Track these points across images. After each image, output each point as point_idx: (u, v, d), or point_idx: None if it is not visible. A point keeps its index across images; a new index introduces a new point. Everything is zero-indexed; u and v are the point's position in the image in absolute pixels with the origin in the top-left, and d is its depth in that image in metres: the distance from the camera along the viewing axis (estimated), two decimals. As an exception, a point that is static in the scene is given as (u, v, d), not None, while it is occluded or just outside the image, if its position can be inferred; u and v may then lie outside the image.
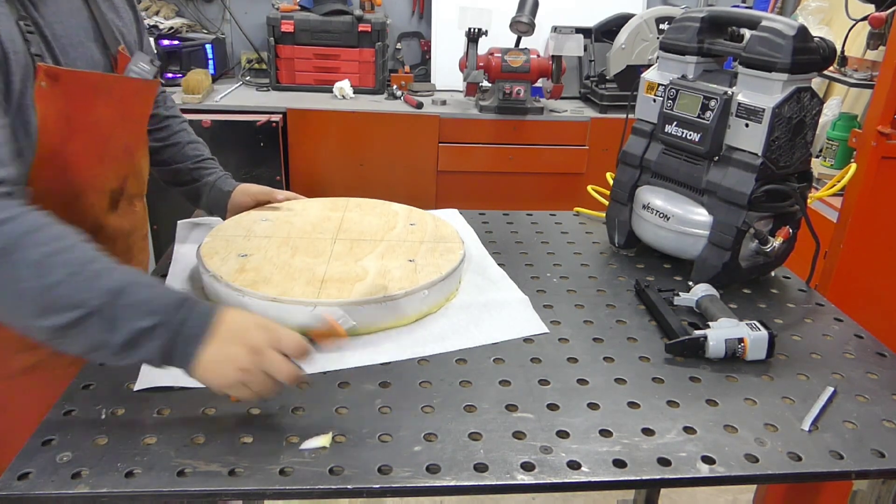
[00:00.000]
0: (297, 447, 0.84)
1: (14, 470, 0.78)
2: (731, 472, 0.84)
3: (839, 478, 0.87)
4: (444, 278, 1.16)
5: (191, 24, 3.07)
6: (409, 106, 2.80)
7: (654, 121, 1.38)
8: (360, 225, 1.36)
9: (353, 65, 2.93)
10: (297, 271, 1.14)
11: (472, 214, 1.62)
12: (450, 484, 0.80)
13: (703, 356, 1.07)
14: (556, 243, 1.51)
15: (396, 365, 1.03)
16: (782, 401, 0.98)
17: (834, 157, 2.39)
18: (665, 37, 1.38)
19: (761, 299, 1.30)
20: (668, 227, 1.34)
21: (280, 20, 2.82)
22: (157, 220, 2.72)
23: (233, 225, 1.32)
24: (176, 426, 0.87)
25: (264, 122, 2.62)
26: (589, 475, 0.83)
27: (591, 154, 2.83)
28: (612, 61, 2.84)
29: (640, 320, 1.19)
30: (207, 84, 2.81)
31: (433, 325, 1.13)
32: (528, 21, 2.67)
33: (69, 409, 0.89)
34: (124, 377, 0.96)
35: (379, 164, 2.79)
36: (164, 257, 1.34)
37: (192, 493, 0.78)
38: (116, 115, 1.11)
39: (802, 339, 1.16)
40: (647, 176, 1.42)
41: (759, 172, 1.21)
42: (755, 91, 1.22)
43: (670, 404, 0.97)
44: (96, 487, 0.77)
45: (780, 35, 1.17)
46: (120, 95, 1.12)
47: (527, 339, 1.11)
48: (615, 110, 2.84)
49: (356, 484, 0.79)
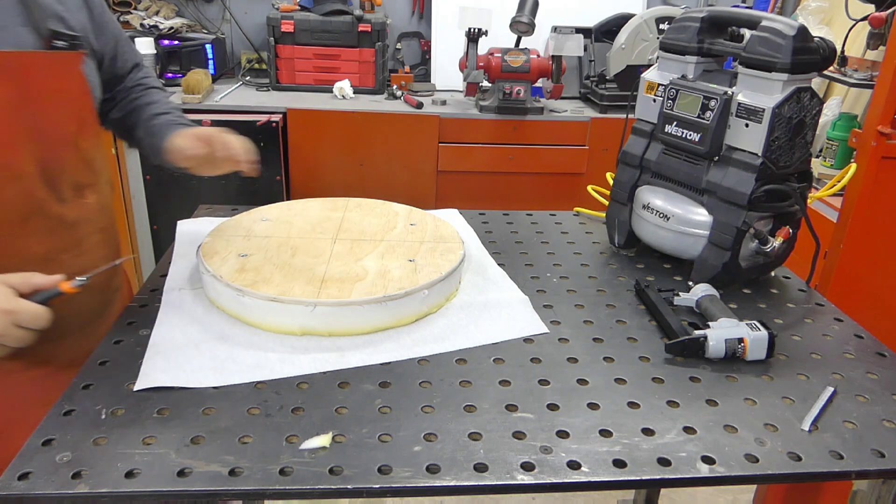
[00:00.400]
0: (297, 447, 0.84)
1: (14, 470, 0.78)
2: (731, 472, 0.84)
3: (839, 478, 0.87)
4: (444, 278, 1.16)
5: (191, 24, 3.07)
6: (409, 106, 2.80)
7: (654, 121, 1.38)
8: (360, 225, 1.36)
9: (353, 65, 2.93)
10: (297, 271, 1.14)
11: (472, 214, 1.62)
12: (450, 484, 0.80)
13: (703, 356, 1.07)
14: (556, 243, 1.51)
15: (396, 365, 1.03)
16: (782, 401, 0.98)
17: (834, 157, 2.39)
18: (665, 37, 1.38)
19: (761, 299, 1.30)
20: (668, 227, 1.34)
21: (280, 20, 2.82)
22: (157, 220, 2.73)
23: (233, 225, 1.32)
24: (176, 426, 0.87)
25: (264, 122, 2.62)
26: (589, 475, 0.83)
27: (591, 154, 2.83)
28: (612, 61, 2.84)
29: (640, 320, 1.19)
30: (207, 84, 2.81)
31: (433, 325, 1.13)
32: (528, 21, 2.67)
33: (69, 409, 0.89)
34: (124, 377, 0.96)
35: (379, 164, 2.79)
36: (164, 257, 1.34)
37: (192, 493, 0.78)
38: (13, 93, 1.04)
39: (802, 339, 1.16)
40: (647, 176, 1.42)
41: (759, 172, 1.21)
42: (755, 91, 1.22)
43: (670, 404, 0.97)
44: (96, 487, 0.77)
45: (780, 35, 1.17)
46: (16, 72, 1.04)
47: (527, 339, 1.11)
48: (615, 110, 2.85)
49: (356, 484, 0.79)
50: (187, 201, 2.59)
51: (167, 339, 1.04)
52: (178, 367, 0.98)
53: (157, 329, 1.07)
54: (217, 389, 0.94)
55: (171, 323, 1.09)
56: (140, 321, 1.11)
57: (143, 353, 1.01)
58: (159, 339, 1.04)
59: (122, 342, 1.05)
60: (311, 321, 1.06)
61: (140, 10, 2.96)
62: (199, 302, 1.15)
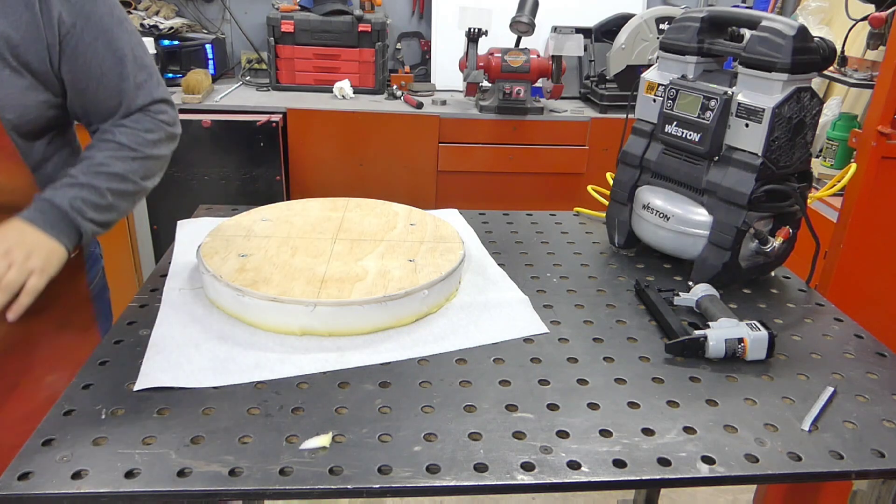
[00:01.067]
0: (297, 447, 0.84)
1: (14, 470, 0.78)
2: (731, 472, 0.84)
3: (839, 478, 0.87)
4: (444, 278, 1.16)
5: (191, 24, 3.07)
6: (409, 106, 2.80)
7: (654, 121, 1.38)
8: (360, 225, 1.36)
9: (353, 65, 2.93)
10: (297, 271, 1.14)
11: (472, 214, 1.62)
12: (450, 484, 0.80)
13: (703, 356, 1.07)
14: (556, 243, 1.51)
15: (396, 365, 1.03)
16: (782, 401, 0.98)
17: (834, 157, 2.39)
18: (665, 37, 1.38)
19: (761, 299, 1.30)
20: (668, 227, 1.34)
21: (280, 20, 2.82)
22: (158, 220, 2.73)
23: (233, 225, 1.32)
24: (176, 426, 0.87)
25: (264, 122, 2.63)
26: (589, 475, 0.83)
27: (591, 154, 2.83)
28: (612, 61, 2.84)
29: (640, 320, 1.19)
30: (207, 84, 2.81)
31: (433, 325, 1.13)
32: (528, 21, 2.67)
33: (69, 409, 0.89)
34: (124, 377, 0.96)
35: (379, 164, 2.79)
36: (164, 257, 1.34)
37: (192, 493, 0.78)
38: None
39: (802, 339, 1.16)
40: (647, 176, 1.42)
41: (759, 172, 1.21)
42: (755, 91, 1.22)
43: (670, 404, 0.97)
44: (96, 487, 0.77)
45: (780, 35, 1.17)
46: None
47: (527, 339, 1.11)
48: (615, 110, 2.85)
49: (356, 484, 0.79)
50: (187, 201, 2.60)
51: (167, 339, 1.04)
52: (178, 367, 0.98)
53: (157, 329, 1.07)
54: (217, 389, 0.94)
55: (171, 323, 1.09)
56: (140, 321, 1.11)
57: (143, 353, 1.00)
58: (159, 339, 1.04)
59: (122, 342, 1.05)
60: (311, 321, 1.06)
61: (140, 10, 2.96)
62: (199, 302, 1.15)
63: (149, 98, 1.17)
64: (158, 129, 1.18)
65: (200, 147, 2.62)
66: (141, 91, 1.16)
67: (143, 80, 1.16)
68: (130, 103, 1.16)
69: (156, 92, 1.18)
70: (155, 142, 1.17)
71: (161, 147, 1.19)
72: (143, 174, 1.17)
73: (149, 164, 1.17)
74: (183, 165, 2.64)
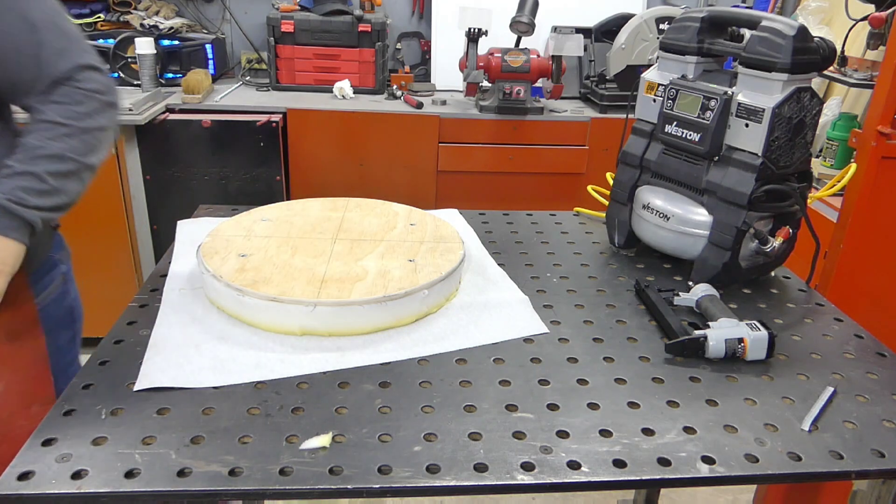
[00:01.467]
0: (297, 447, 0.84)
1: (14, 470, 0.78)
2: (731, 472, 0.84)
3: (839, 478, 0.87)
4: (444, 278, 1.16)
5: (191, 24, 3.07)
6: (409, 106, 2.80)
7: (654, 121, 1.38)
8: (360, 225, 1.36)
9: (353, 65, 2.93)
10: (297, 271, 1.14)
11: (472, 214, 1.62)
12: (450, 484, 0.80)
13: (703, 356, 1.07)
14: (556, 243, 1.51)
15: (396, 365, 1.03)
16: (782, 401, 0.98)
17: (834, 157, 2.39)
18: (665, 37, 1.38)
19: (761, 299, 1.30)
20: (668, 227, 1.34)
21: (280, 20, 2.82)
22: (157, 220, 2.73)
23: (233, 225, 1.32)
24: (176, 426, 0.87)
25: (264, 122, 2.63)
26: (589, 475, 0.83)
27: (591, 154, 2.83)
28: (612, 61, 2.84)
29: (640, 320, 1.19)
30: (207, 84, 2.81)
31: (433, 325, 1.13)
32: (528, 21, 2.67)
33: (69, 409, 0.89)
34: (124, 377, 0.96)
35: (379, 164, 2.79)
36: (164, 257, 1.34)
37: (192, 493, 0.78)
38: None
39: (802, 339, 1.16)
40: (647, 176, 1.42)
41: (759, 172, 1.21)
42: (755, 91, 1.22)
43: (670, 404, 0.97)
44: (96, 487, 0.77)
45: (780, 35, 1.17)
46: None
47: (527, 339, 1.11)
48: (615, 110, 2.85)
49: (356, 484, 0.79)
50: (187, 201, 2.60)
51: (167, 339, 1.04)
52: (178, 367, 0.98)
53: (157, 329, 1.07)
54: (217, 389, 0.94)
55: (171, 323, 1.09)
56: (140, 321, 1.11)
57: (143, 353, 1.01)
58: (159, 339, 1.04)
59: (122, 342, 1.05)
60: (311, 321, 1.06)
61: (140, 10, 2.96)
62: (199, 302, 1.15)
63: (71, 63, 1.11)
64: (89, 99, 1.12)
65: (200, 147, 2.62)
66: (62, 58, 1.10)
67: (62, 46, 1.11)
68: (52, 71, 1.09)
69: (79, 58, 1.12)
70: (87, 113, 1.12)
71: (96, 118, 1.13)
72: (83, 150, 1.12)
73: (86, 138, 1.12)
74: (183, 165, 2.64)
